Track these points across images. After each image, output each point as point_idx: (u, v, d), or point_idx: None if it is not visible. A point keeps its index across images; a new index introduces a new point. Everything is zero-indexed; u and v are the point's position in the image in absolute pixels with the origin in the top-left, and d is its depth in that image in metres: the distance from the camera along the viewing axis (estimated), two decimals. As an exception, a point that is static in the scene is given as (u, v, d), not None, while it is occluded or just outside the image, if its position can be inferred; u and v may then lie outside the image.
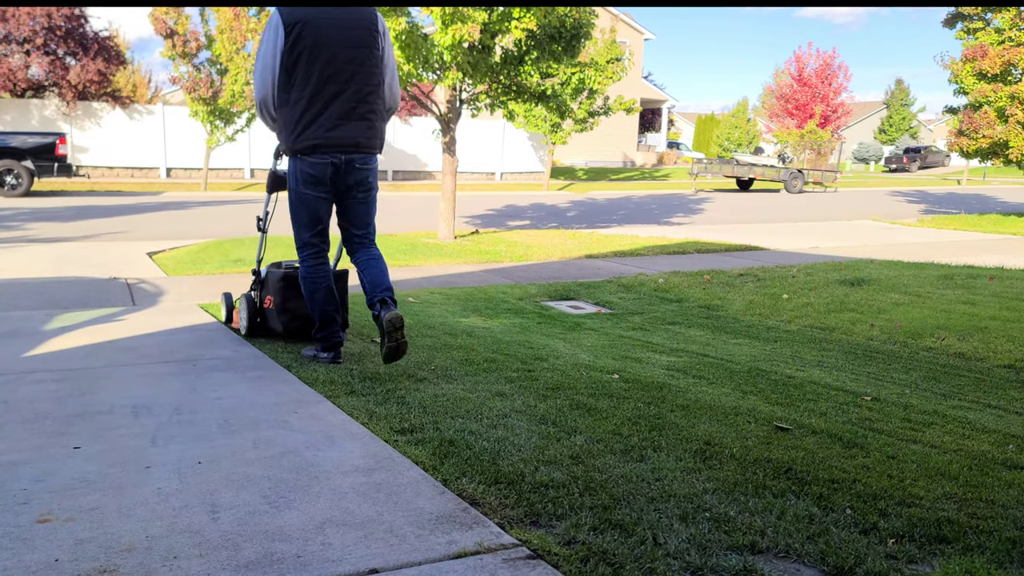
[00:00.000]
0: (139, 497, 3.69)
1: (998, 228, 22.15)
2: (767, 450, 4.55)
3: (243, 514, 3.53)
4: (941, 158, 75.37)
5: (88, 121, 35.93)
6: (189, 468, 4.05)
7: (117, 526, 3.39)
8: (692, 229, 20.84)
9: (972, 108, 26.07)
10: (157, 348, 6.70)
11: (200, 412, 4.96)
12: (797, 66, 65.89)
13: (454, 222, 16.59)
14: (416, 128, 42.32)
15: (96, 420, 4.75)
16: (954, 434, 5.10)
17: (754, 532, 3.52)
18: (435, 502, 3.71)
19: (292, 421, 4.81)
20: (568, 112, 20.42)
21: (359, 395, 5.43)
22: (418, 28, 13.82)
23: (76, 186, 31.29)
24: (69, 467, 4.03)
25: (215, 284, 10.33)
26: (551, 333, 8.09)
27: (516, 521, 3.56)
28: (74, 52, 35.41)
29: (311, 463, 4.15)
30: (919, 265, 13.29)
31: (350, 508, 3.63)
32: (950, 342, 8.00)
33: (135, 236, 16.46)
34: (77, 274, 10.98)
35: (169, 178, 37.43)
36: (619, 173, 55.48)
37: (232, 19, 29.15)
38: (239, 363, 6.25)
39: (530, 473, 4.06)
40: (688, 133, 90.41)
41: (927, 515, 3.75)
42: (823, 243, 17.82)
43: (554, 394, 5.59)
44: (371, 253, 6.37)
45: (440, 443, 4.47)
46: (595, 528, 3.49)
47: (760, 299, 10.24)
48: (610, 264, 13.67)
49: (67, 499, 3.65)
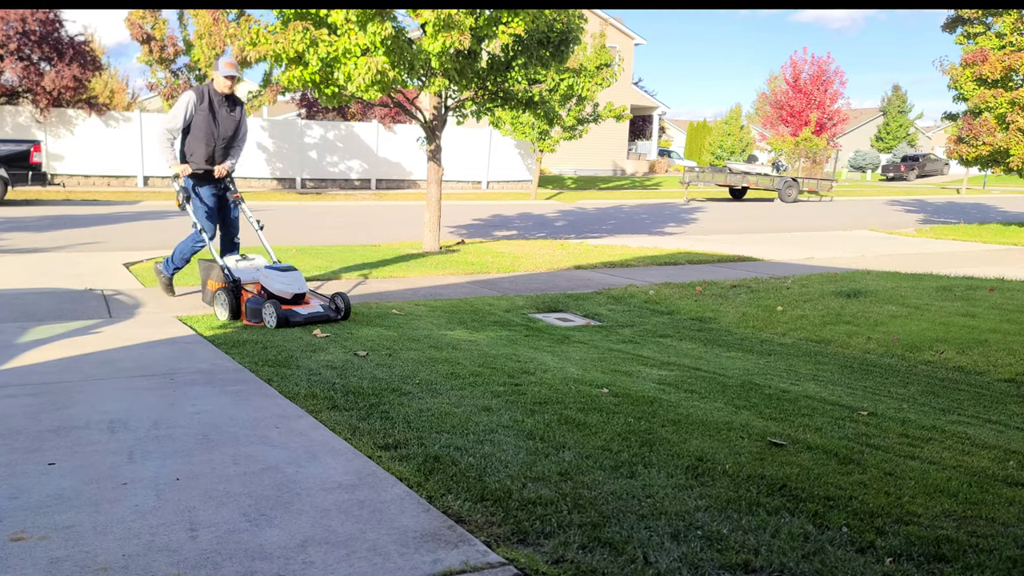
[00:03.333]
0: (116, 514, 3.68)
1: (998, 238, 22.20)
2: (761, 466, 4.56)
3: (223, 532, 3.53)
4: (940, 166, 75.51)
5: (63, 128, 35.83)
6: (167, 485, 4.05)
7: (93, 544, 3.39)
8: (684, 239, 20.86)
9: (972, 114, 26.13)
10: (134, 361, 6.69)
11: (178, 427, 4.96)
12: (792, 72, 65.99)
13: (439, 232, 16.58)
14: (400, 136, 42.30)
15: (71, 435, 4.74)
16: (953, 450, 5.12)
17: (748, 551, 3.53)
18: (420, 519, 3.72)
19: (273, 436, 4.82)
20: (556, 119, 20.40)
21: (342, 410, 5.43)
22: (404, 33, 13.83)
23: (51, 195, 31.20)
24: (44, 484, 4.03)
25: (194, 296, 10.32)
26: (539, 346, 8.10)
27: (503, 539, 3.57)
28: (49, 57, 35.29)
29: (292, 479, 4.15)
30: (917, 276, 13.33)
31: (332, 526, 3.63)
32: (949, 355, 8.02)
33: (112, 246, 16.41)
34: (52, 285, 10.95)
35: (147, 187, 37.32)
36: (609, 182, 55.51)
37: (211, 24, 29.15)
38: (219, 376, 6.25)
39: (517, 490, 4.07)
40: (680, 141, 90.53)
41: (926, 533, 3.76)
42: (818, 254, 17.85)
43: (542, 409, 5.60)
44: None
45: (425, 459, 4.47)
46: (584, 546, 3.50)
47: (754, 311, 10.26)
48: (600, 275, 13.69)
49: (41, 516, 3.64)
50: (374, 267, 13.58)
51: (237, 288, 9.00)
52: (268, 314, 8.48)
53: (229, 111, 9.88)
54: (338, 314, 8.94)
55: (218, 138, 9.79)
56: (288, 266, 9.07)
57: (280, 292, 8.73)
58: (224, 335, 7.87)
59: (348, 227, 22.81)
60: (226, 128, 9.86)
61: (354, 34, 12.76)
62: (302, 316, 8.61)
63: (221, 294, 8.96)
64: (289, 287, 8.76)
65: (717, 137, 64.25)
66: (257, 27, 13.61)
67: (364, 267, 13.54)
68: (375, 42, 12.75)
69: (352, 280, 12.26)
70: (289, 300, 8.77)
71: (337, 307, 8.99)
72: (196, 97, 9.66)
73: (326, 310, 8.88)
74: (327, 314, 8.84)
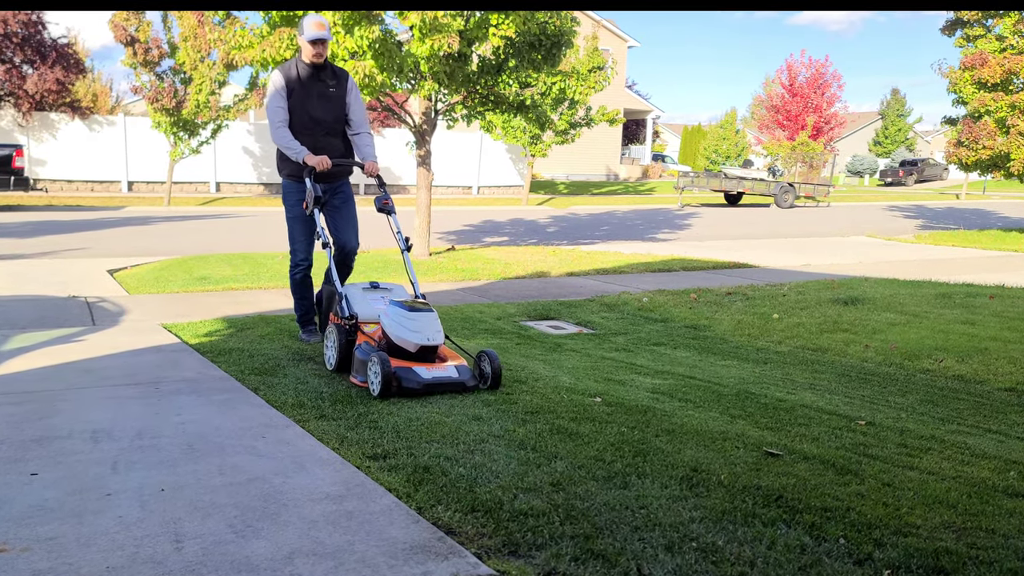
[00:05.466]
0: (99, 526, 3.68)
1: (999, 244, 22.27)
2: (756, 477, 4.57)
3: (208, 544, 3.53)
4: (939, 171, 75.58)
5: (46, 132, 35.79)
6: (152, 495, 4.05)
7: (76, 556, 3.39)
8: (678, 245, 20.89)
9: (972, 118, 26.20)
10: (118, 370, 6.69)
11: (163, 437, 4.96)
12: (788, 75, 66.03)
13: (429, 238, 16.60)
14: (389, 140, 42.28)
15: (54, 445, 4.74)
16: (953, 460, 5.12)
17: (743, 563, 3.53)
18: (409, 531, 3.72)
19: (260, 446, 4.81)
20: (548, 123, 20.44)
21: (330, 419, 5.43)
22: (392, 36, 13.84)
23: (34, 200, 31.14)
24: (26, 494, 4.02)
25: (178, 303, 10.31)
26: (530, 354, 8.10)
27: (494, 551, 3.57)
28: (31, 60, 35.21)
29: (279, 490, 4.15)
30: (916, 283, 13.35)
31: (320, 537, 3.63)
32: (948, 364, 8.03)
33: (95, 253, 16.39)
34: (35, 292, 10.94)
35: (131, 192, 37.30)
36: (602, 187, 55.59)
37: (196, 26, 29.09)
38: (204, 385, 6.25)
39: (508, 501, 4.07)
40: (674, 145, 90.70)
41: (925, 545, 3.76)
42: (815, 260, 17.89)
43: (534, 418, 5.60)
44: None
45: (414, 469, 4.47)
46: (576, 558, 3.50)
47: (749, 319, 10.27)
48: (592, 282, 13.70)
49: (24, 528, 3.64)
50: (361, 273, 13.56)
51: (353, 328, 6.84)
52: (373, 372, 6.19)
53: (327, 87, 7.68)
54: (482, 383, 6.53)
55: (318, 124, 7.69)
56: (423, 304, 6.70)
57: (402, 341, 6.45)
58: (210, 343, 7.86)
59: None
60: (326, 110, 7.71)
61: (341, 38, 12.77)
62: (423, 381, 6.24)
63: (332, 332, 7.04)
64: (416, 335, 6.43)
65: (712, 141, 64.28)
66: (243, 30, 13.62)
67: (351, 273, 13.50)
68: (362, 46, 12.76)
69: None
70: (413, 354, 6.47)
71: (482, 372, 6.56)
72: (283, 77, 7.57)
73: (462, 375, 6.43)
74: (463, 380, 6.39)
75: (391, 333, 6.45)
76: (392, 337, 6.44)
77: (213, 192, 39.24)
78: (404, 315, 6.45)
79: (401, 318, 6.44)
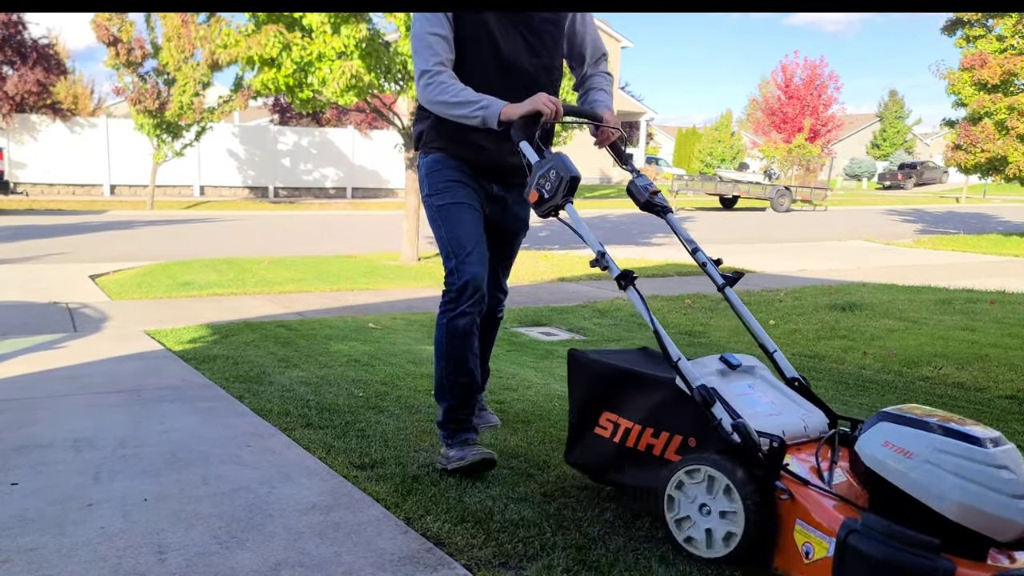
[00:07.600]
0: (81, 536, 3.68)
1: (999, 249, 22.29)
2: (752, 485, 4.57)
3: (192, 555, 3.53)
4: (938, 174, 75.56)
5: (26, 135, 35.78)
6: (134, 506, 4.04)
7: (58, 567, 3.38)
8: (672, 250, 20.88)
9: (971, 121, 26.26)
10: (100, 377, 6.68)
11: (146, 446, 4.95)
12: (784, 76, 66.21)
13: (418, 242, 16.60)
14: (377, 142, 42.34)
15: (35, 454, 4.73)
16: (950, 468, 5.12)
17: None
18: (397, 542, 3.72)
19: (245, 456, 4.81)
20: (541, 125, 20.47)
21: (316, 428, 5.43)
22: (380, 36, 13.85)
23: (13, 204, 31.12)
24: (6, 505, 4.02)
25: (162, 309, 10.30)
26: (522, 361, 8.10)
27: (484, 562, 3.57)
28: (11, 61, 35.20)
29: (265, 500, 4.15)
30: (915, 289, 13.37)
31: (306, 548, 3.63)
32: (948, 371, 8.04)
33: (77, 258, 16.39)
34: (14, 298, 10.92)
35: (113, 195, 37.30)
36: (595, 190, 55.65)
37: (179, 26, 29.09)
38: (188, 393, 6.24)
39: (499, 511, 4.07)
40: (668, 148, 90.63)
41: (921, 553, 3.77)
42: (812, 265, 17.91)
43: (525, 427, 5.60)
44: None
45: (403, 479, 4.47)
46: (569, 570, 3.50)
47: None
48: (585, 288, 13.70)
49: (4, 539, 3.63)
50: (349, 279, 13.58)
51: (773, 467, 3.37)
52: None
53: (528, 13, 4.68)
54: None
55: (515, 69, 4.72)
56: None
57: (992, 523, 2.91)
58: (194, 350, 7.85)
59: (323, 237, 22.82)
60: (526, 49, 4.73)
61: (328, 37, 12.78)
62: None
63: (714, 475, 3.50)
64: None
65: (707, 144, 64.47)
66: (228, 29, 13.63)
67: (339, 279, 13.53)
68: (350, 45, 12.77)
69: (326, 293, 12.25)
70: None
71: None
72: None
73: None
74: None
75: (964, 504, 2.93)
76: (963, 512, 2.94)
77: (197, 195, 39.24)
78: (983, 457, 2.98)
79: (982, 466, 2.96)
